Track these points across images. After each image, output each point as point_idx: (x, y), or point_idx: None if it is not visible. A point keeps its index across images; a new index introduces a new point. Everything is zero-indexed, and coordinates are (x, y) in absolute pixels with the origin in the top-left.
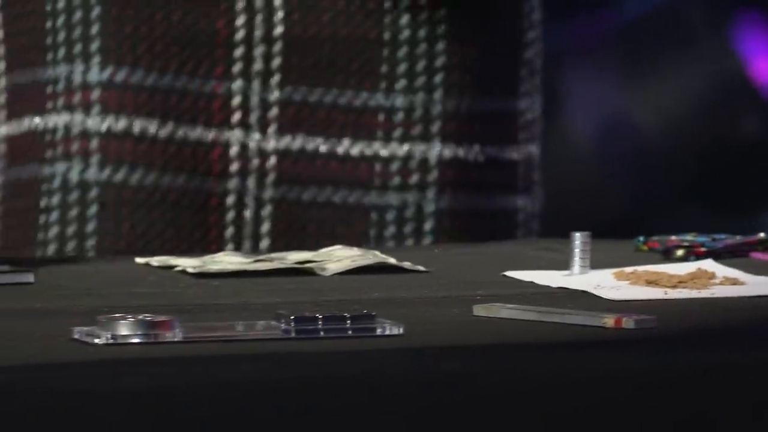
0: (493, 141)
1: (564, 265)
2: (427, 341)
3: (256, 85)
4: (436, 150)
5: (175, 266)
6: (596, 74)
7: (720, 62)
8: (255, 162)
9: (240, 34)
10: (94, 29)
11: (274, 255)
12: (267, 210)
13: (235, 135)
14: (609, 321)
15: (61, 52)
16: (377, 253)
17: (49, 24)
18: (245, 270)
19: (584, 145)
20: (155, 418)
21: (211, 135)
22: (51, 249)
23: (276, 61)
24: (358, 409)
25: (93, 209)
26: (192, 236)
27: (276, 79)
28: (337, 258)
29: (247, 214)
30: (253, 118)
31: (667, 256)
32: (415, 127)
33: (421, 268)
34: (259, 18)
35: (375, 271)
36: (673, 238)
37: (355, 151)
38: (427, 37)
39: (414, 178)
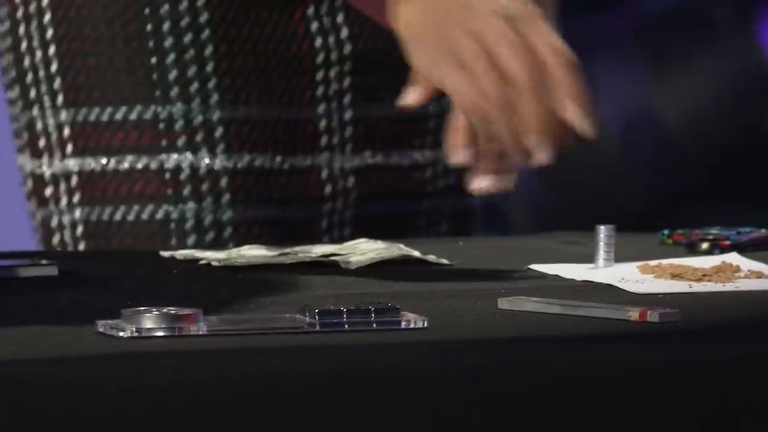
0: (293, 149)
1: (587, 258)
2: (452, 334)
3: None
4: (219, 159)
5: (201, 259)
6: (619, 69)
7: (743, 57)
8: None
9: (320, 57)
10: (209, 67)
11: (298, 248)
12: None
13: (324, 158)
14: (633, 314)
15: (175, 90)
16: (402, 246)
17: (153, 61)
18: (270, 263)
19: (607, 139)
20: (179, 411)
21: (307, 161)
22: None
23: (347, 81)
24: (382, 402)
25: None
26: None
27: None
28: (362, 251)
29: (335, 235)
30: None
31: (692, 249)
32: (198, 135)
33: (445, 261)
34: (330, 38)
35: (399, 264)
36: (698, 231)
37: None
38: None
39: (205, 187)
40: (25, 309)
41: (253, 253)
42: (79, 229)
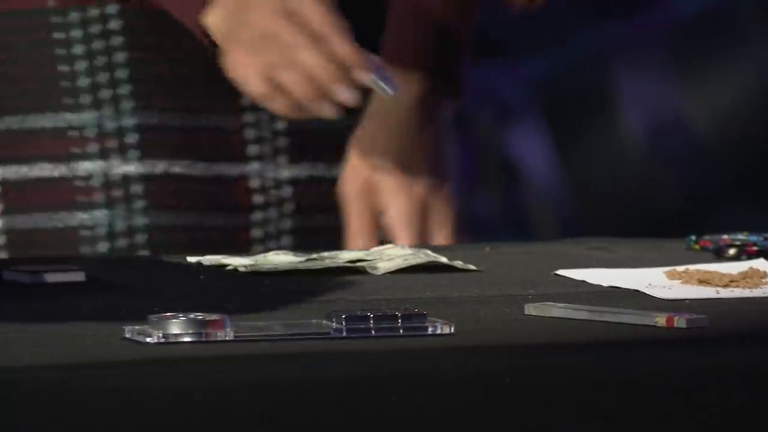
0: (216, 157)
1: (615, 264)
2: (478, 340)
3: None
4: (132, 166)
5: (227, 265)
6: (648, 74)
7: None
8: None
9: None
10: (122, 74)
11: (325, 254)
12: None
13: (254, 167)
14: (660, 320)
15: (87, 98)
16: (429, 252)
17: (65, 68)
18: (297, 269)
19: (635, 144)
20: (206, 416)
21: (234, 170)
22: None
23: None
24: (409, 407)
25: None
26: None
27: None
28: (389, 257)
29: (271, 245)
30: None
31: (719, 255)
32: (110, 142)
33: (473, 267)
34: None
35: (426, 270)
36: (725, 237)
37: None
38: (107, 49)
39: (118, 194)
40: (53, 314)
41: (280, 259)
42: (2, 239)
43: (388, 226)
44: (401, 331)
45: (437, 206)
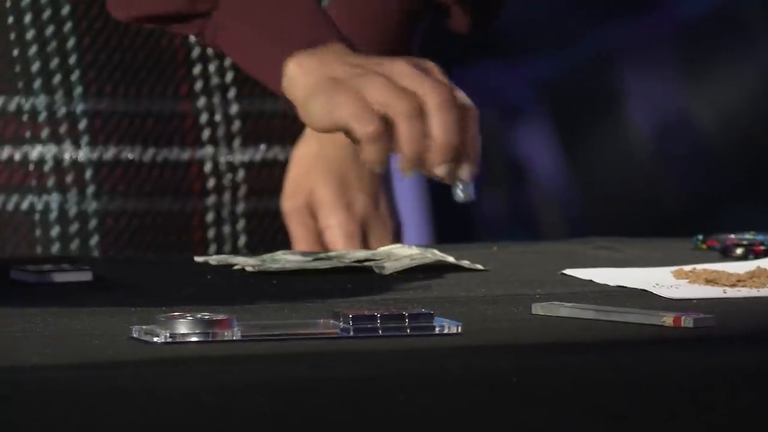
0: (167, 141)
1: (621, 263)
2: (486, 340)
3: (216, 100)
4: (83, 151)
5: (234, 265)
6: (654, 73)
7: None
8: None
9: (196, 51)
10: (72, 59)
11: (333, 253)
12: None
13: (207, 152)
14: (668, 320)
15: (38, 82)
16: (436, 251)
17: (17, 53)
18: (304, 268)
19: (642, 144)
20: (213, 416)
21: (186, 155)
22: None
23: (230, 75)
24: (416, 407)
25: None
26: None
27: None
28: (396, 257)
29: (226, 229)
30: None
31: (726, 254)
32: (60, 127)
33: (480, 266)
34: None
35: (433, 270)
36: (732, 236)
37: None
38: (56, 34)
39: (69, 179)
40: (60, 314)
41: (288, 258)
42: None
43: (330, 243)
44: (408, 330)
45: (376, 221)
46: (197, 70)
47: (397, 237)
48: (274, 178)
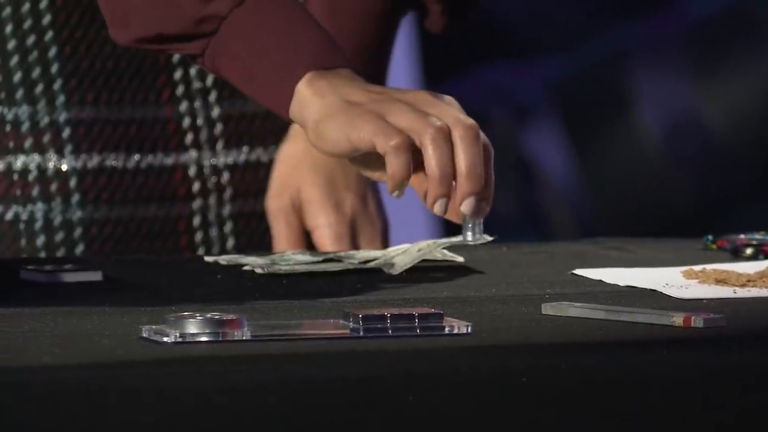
0: (151, 147)
1: (631, 263)
2: (495, 340)
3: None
4: (67, 160)
5: (244, 265)
6: (665, 74)
7: None
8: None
9: (177, 56)
10: (54, 69)
11: (342, 254)
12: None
13: (191, 156)
14: (678, 320)
15: (20, 92)
16: (446, 251)
17: None
18: (313, 270)
19: (653, 144)
20: (223, 416)
21: (170, 160)
22: None
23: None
24: (426, 407)
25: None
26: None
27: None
28: (403, 250)
29: (213, 232)
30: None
31: (736, 254)
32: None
33: (460, 259)
34: None
35: (443, 270)
36: (742, 236)
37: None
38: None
39: (54, 188)
40: (70, 314)
41: (297, 259)
42: None
43: (319, 244)
44: (418, 330)
45: (365, 221)
46: (178, 74)
47: (385, 237)
48: (258, 179)
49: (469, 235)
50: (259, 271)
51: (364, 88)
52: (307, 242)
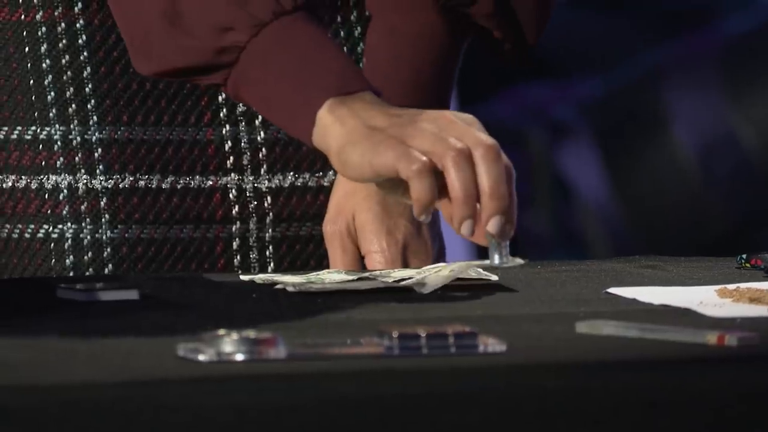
0: (188, 169)
1: (666, 282)
2: (530, 359)
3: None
4: (98, 180)
5: (279, 283)
6: (699, 93)
7: None
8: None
9: None
10: (88, 89)
11: (377, 272)
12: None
13: (232, 179)
14: (712, 338)
15: (54, 111)
16: (480, 270)
17: (33, 82)
18: (347, 289)
19: (687, 163)
20: None
21: (209, 182)
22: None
23: None
24: (461, 426)
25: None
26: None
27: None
28: (436, 270)
29: (252, 256)
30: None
31: None
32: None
33: (494, 277)
34: None
35: (477, 288)
36: None
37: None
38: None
39: (84, 207)
40: (107, 332)
41: (332, 277)
42: None
43: (371, 270)
44: (453, 349)
45: (418, 246)
46: (221, 98)
47: (440, 260)
48: (301, 204)
49: (497, 258)
50: (290, 289)
51: (385, 111)
52: (362, 267)
